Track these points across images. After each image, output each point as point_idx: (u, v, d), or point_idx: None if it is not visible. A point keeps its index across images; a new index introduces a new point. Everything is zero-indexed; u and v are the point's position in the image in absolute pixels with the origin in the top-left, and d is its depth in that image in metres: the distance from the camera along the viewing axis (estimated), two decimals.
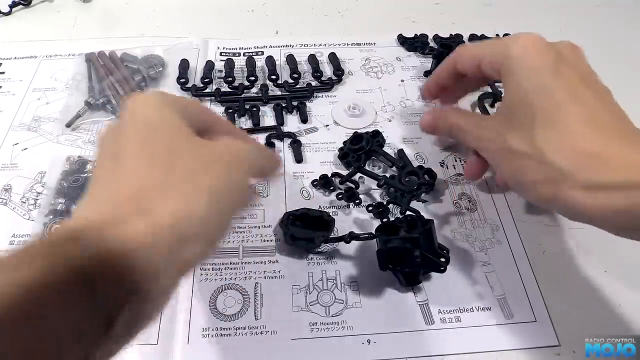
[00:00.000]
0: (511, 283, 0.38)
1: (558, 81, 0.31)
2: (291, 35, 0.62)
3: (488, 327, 0.36)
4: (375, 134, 0.47)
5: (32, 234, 0.40)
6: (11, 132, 0.49)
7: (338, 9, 0.67)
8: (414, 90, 0.54)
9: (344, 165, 0.45)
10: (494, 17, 0.66)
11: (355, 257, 0.39)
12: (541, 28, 0.62)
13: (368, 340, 0.35)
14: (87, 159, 0.45)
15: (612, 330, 0.35)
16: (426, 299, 0.37)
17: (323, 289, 0.38)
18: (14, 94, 0.53)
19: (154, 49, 0.56)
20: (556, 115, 0.30)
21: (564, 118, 0.30)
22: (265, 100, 0.52)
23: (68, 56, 0.57)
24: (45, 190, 0.43)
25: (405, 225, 0.37)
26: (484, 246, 0.40)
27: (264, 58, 0.58)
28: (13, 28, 0.62)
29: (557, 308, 0.37)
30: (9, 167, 0.45)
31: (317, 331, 0.35)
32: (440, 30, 0.61)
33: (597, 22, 0.66)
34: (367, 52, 0.59)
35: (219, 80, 0.55)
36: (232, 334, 0.35)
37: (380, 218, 0.40)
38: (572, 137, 0.29)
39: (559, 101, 0.30)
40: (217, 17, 0.65)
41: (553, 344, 0.35)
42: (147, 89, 0.53)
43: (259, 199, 0.42)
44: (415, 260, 0.34)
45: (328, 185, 0.43)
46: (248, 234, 0.40)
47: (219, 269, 0.38)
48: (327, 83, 0.54)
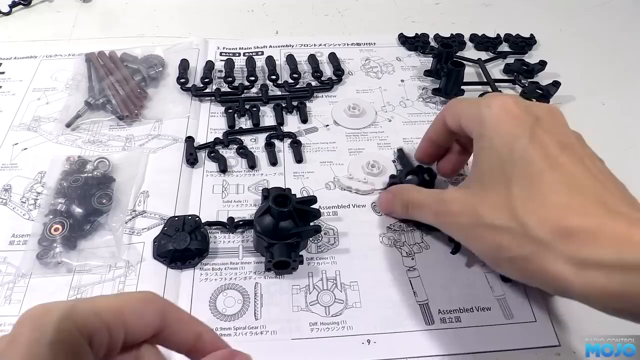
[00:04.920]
0: (511, 283, 0.38)
1: (535, 149, 0.29)
2: (291, 35, 0.62)
3: (488, 327, 0.36)
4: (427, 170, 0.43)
5: (31, 234, 0.40)
6: (11, 132, 0.49)
7: (338, 9, 0.67)
8: (414, 90, 0.54)
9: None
10: (494, 17, 0.66)
11: (355, 257, 0.39)
12: (541, 28, 0.62)
13: (368, 340, 0.35)
14: (87, 159, 0.45)
15: (612, 330, 0.35)
16: (426, 299, 0.37)
17: (323, 289, 0.38)
18: (14, 94, 0.53)
19: (154, 49, 0.56)
20: (536, 185, 0.28)
21: (544, 188, 0.28)
22: (265, 100, 0.52)
23: (68, 56, 0.57)
24: (45, 190, 0.43)
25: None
26: None
27: (264, 58, 0.58)
28: (13, 28, 0.62)
29: (557, 308, 0.37)
30: (9, 167, 0.45)
31: (317, 331, 0.35)
32: (440, 30, 0.62)
33: (596, 22, 0.66)
34: (367, 52, 0.59)
35: (219, 80, 0.55)
36: (232, 334, 0.35)
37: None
38: (555, 209, 0.27)
39: (537, 170, 0.28)
40: (217, 17, 0.65)
41: (553, 344, 0.35)
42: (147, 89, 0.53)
43: None
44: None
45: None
46: (248, 234, 0.40)
47: (219, 269, 0.38)
48: (327, 83, 0.54)
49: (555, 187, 0.28)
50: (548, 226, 0.27)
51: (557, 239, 0.26)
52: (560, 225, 0.26)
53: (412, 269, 0.39)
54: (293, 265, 0.37)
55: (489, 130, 0.31)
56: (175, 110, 0.51)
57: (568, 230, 0.26)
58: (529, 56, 0.60)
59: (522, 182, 0.29)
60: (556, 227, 0.26)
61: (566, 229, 0.26)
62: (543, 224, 0.27)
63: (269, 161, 0.46)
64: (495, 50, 0.60)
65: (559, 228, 0.26)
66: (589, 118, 0.31)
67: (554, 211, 0.27)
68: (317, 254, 0.40)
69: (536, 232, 0.27)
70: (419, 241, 0.41)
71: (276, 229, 0.37)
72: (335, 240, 0.41)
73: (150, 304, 0.24)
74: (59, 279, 0.37)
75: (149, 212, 0.42)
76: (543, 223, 0.27)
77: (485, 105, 0.32)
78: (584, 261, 0.25)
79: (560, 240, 0.26)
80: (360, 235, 0.41)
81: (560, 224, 0.26)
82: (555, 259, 0.26)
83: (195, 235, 0.39)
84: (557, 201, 0.27)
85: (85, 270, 0.38)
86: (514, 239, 0.28)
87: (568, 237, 0.26)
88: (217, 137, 0.48)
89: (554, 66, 0.56)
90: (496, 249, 0.29)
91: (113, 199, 0.42)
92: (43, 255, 0.38)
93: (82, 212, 0.41)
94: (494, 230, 0.29)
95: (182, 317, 0.25)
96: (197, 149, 0.47)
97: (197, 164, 0.46)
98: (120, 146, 0.47)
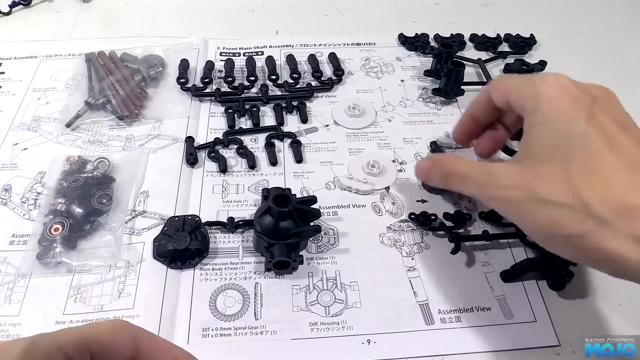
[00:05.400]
0: (511, 283, 0.38)
1: (593, 128, 0.28)
2: (291, 35, 0.62)
3: (488, 327, 0.36)
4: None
5: (31, 234, 0.40)
6: (11, 132, 0.49)
7: (338, 9, 0.67)
8: (414, 90, 0.54)
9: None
10: (494, 17, 0.66)
11: (355, 257, 0.39)
12: (541, 28, 0.62)
13: (368, 340, 0.35)
14: (87, 159, 0.45)
15: (612, 330, 0.35)
16: (426, 299, 0.37)
17: (323, 289, 0.38)
18: (14, 94, 0.53)
19: (154, 49, 0.56)
20: (596, 163, 0.28)
21: (604, 167, 0.27)
22: (265, 100, 0.52)
23: (68, 56, 0.57)
24: (45, 190, 0.43)
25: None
26: (484, 246, 0.40)
27: (264, 58, 0.58)
28: (13, 28, 0.62)
29: (557, 308, 0.37)
30: (9, 167, 0.45)
31: (317, 331, 0.35)
32: (440, 30, 0.62)
33: (596, 22, 0.66)
34: (367, 52, 0.59)
35: (219, 80, 0.55)
36: (232, 333, 0.35)
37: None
38: (617, 187, 0.27)
39: (596, 149, 0.28)
40: (217, 17, 0.65)
41: (553, 344, 0.35)
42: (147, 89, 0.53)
43: None
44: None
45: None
46: (248, 234, 0.40)
47: (219, 269, 0.38)
48: (327, 83, 0.54)
49: (616, 166, 0.27)
50: (610, 204, 0.26)
51: (618, 217, 0.26)
52: (622, 203, 0.26)
53: (412, 269, 0.39)
54: (293, 265, 0.37)
55: (545, 107, 0.30)
56: (175, 110, 0.51)
57: (630, 207, 0.26)
58: (529, 56, 0.60)
59: (581, 160, 0.28)
60: (618, 204, 0.26)
61: (628, 207, 0.26)
62: (605, 202, 0.27)
63: (269, 161, 0.46)
64: (495, 50, 0.60)
65: (620, 206, 0.26)
66: None
67: (615, 189, 0.27)
68: (317, 254, 0.40)
69: (597, 210, 0.26)
70: (419, 241, 0.41)
71: (276, 229, 0.37)
72: (335, 240, 0.41)
73: (121, 333, 0.23)
74: (59, 279, 0.37)
75: (149, 212, 0.42)
76: (604, 200, 0.27)
77: (542, 81, 0.31)
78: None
79: (621, 218, 0.26)
80: (360, 235, 0.41)
81: (622, 202, 0.26)
82: (615, 237, 0.26)
83: (195, 235, 0.39)
84: (619, 179, 0.27)
85: (85, 270, 0.38)
86: (573, 216, 0.27)
87: (630, 214, 0.26)
88: (217, 137, 0.48)
89: (554, 66, 0.56)
90: (551, 225, 0.28)
91: (113, 199, 0.42)
92: (43, 255, 0.38)
93: (82, 212, 0.41)
94: (550, 207, 0.28)
95: (157, 344, 0.24)
96: (197, 149, 0.47)
97: (197, 164, 0.46)
98: (120, 146, 0.47)
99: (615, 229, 0.26)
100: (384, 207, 0.43)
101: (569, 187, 0.28)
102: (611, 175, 0.27)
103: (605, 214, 0.26)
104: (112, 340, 0.23)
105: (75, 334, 0.23)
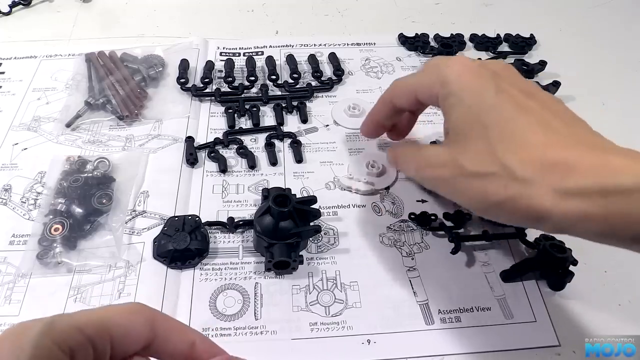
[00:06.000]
0: (511, 283, 0.38)
1: (503, 96, 0.30)
2: (291, 35, 0.62)
3: (488, 327, 0.36)
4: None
5: (31, 234, 0.40)
6: (11, 132, 0.49)
7: (338, 9, 0.67)
8: None
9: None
10: (494, 17, 0.66)
11: (355, 257, 0.39)
12: (541, 28, 0.62)
13: (368, 340, 0.35)
14: (87, 159, 0.45)
15: (612, 330, 0.35)
16: (426, 299, 0.37)
17: (323, 289, 0.38)
18: (14, 94, 0.53)
19: (154, 49, 0.56)
20: (512, 129, 0.29)
21: (519, 131, 0.29)
22: (265, 100, 0.52)
23: (68, 56, 0.57)
24: (45, 190, 0.43)
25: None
26: (484, 246, 0.40)
27: (264, 58, 0.58)
28: (13, 28, 0.62)
29: (557, 308, 0.37)
30: (9, 167, 0.45)
31: (317, 331, 0.35)
32: (440, 30, 0.61)
33: (596, 22, 0.66)
34: (367, 52, 0.59)
35: (219, 80, 0.55)
36: (232, 333, 0.35)
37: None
38: (535, 147, 0.28)
39: (509, 115, 0.29)
40: (217, 17, 0.65)
41: (553, 344, 0.35)
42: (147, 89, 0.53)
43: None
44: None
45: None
46: (248, 234, 0.40)
47: (219, 269, 0.38)
48: (327, 83, 0.54)
49: (531, 128, 0.29)
50: (530, 164, 0.28)
51: (539, 174, 0.27)
52: (541, 161, 0.27)
53: (412, 269, 0.39)
54: (293, 265, 0.37)
55: (455, 87, 0.32)
56: (175, 110, 0.51)
57: (550, 163, 0.27)
58: (529, 56, 0.60)
59: (498, 128, 0.30)
60: (538, 163, 0.27)
61: (547, 163, 0.27)
62: (525, 163, 0.28)
63: (269, 161, 0.46)
64: (495, 50, 0.60)
65: (541, 163, 0.27)
66: (589, 118, 0.31)
67: (533, 149, 0.28)
68: (317, 254, 0.40)
69: (520, 171, 0.28)
70: (419, 241, 0.41)
71: (276, 229, 0.37)
72: (335, 240, 0.41)
73: (138, 315, 0.23)
74: (59, 279, 0.37)
75: (149, 212, 0.42)
76: (525, 162, 0.28)
77: (445, 65, 0.33)
78: (567, 191, 0.26)
79: (542, 175, 0.27)
80: (360, 235, 0.41)
81: (540, 159, 0.27)
82: (539, 193, 0.27)
83: (195, 235, 0.39)
84: (536, 140, 0.28)
85: (85, 270, 0.38)
86: (500, 182, 0.28)
87: (550, 170, 0.27)
88: (217, 137, 0.48)
89: (554, 66, 0.56)
90: (483, 195, 0.29)
91: (113, 199, 0.42)
92: (43, 255, 0.38)
93: (82, 212, 0.41)
94: (478, 178, 0.30)
95: (173, 326, 0.24)
96: (197, 149, 0.47)
97: (197, 164, 0.46)
98: (120, 146, 0.47)
99: (538, 185, 0.27)
100: (384, 207, 0.43)
101: (491, 156, 0.29)
102: (527, 137, 0.29)
103: (528, 174, 0.28)
104: (131, 323, 0.23)
105: (95, 316, 0.22)
